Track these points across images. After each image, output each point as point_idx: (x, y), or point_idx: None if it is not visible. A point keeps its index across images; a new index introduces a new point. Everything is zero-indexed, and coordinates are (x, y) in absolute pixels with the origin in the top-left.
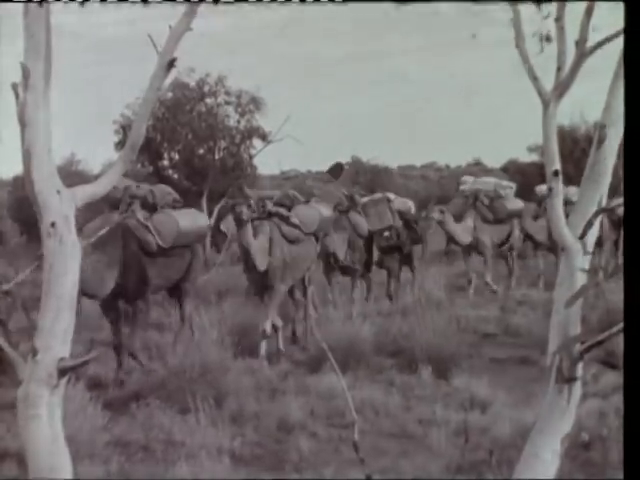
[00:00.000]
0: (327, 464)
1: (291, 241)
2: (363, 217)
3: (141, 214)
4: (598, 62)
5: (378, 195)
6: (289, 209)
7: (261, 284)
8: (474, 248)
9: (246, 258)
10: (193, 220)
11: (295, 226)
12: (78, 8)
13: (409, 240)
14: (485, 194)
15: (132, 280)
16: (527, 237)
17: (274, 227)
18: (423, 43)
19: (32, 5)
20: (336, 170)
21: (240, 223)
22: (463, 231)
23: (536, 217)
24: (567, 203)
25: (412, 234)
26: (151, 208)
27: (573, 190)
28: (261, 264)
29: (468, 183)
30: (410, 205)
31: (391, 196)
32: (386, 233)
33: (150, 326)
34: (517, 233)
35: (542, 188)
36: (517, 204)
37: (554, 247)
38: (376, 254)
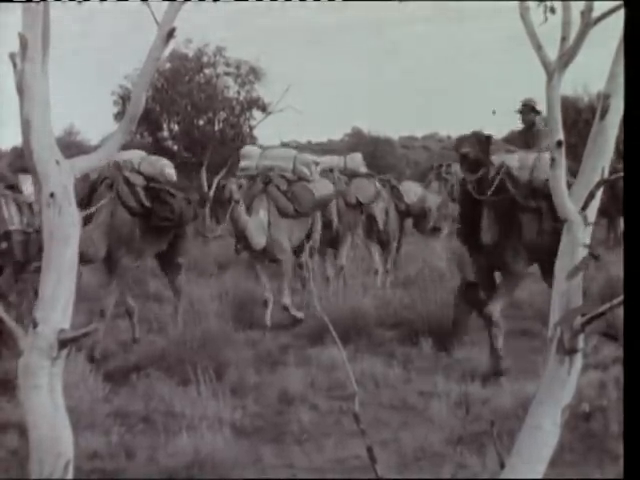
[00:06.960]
0: (328, 436)
1: None
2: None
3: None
4: (603, 32)
5: None
6: None
7: None
8: (268, 254)
9: None
10: None
11: None
12: None
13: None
14: (281, 174)
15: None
16: None
17: None
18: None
19: None
20: None
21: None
22: (257, 229)
23: None
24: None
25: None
26: None
27: (336, 159)
28: None
29: (253, 158)
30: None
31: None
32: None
33: (149, 298)
34: (319, 228)
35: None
36: (327, 187)
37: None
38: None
